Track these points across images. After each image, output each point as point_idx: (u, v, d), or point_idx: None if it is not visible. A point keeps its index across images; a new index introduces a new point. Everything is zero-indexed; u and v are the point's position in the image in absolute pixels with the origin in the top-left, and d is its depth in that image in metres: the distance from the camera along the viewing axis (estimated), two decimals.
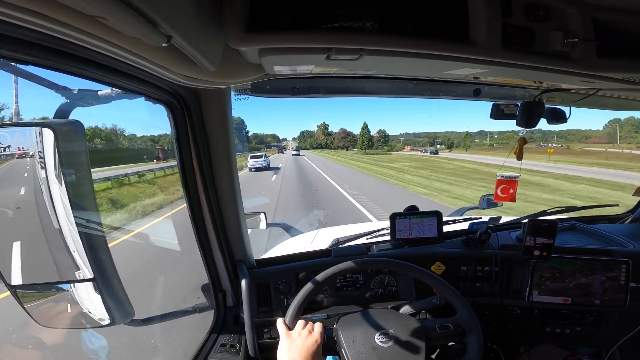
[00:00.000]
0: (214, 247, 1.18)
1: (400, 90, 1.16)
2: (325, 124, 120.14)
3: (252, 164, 23.46)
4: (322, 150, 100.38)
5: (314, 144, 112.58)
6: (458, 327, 1.03)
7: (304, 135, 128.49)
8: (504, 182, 1.44)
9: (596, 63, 0.69)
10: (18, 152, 0.62)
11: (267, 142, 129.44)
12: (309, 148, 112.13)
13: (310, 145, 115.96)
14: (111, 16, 0.34)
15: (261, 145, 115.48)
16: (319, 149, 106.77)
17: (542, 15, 0.65)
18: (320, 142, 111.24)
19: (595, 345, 1.47)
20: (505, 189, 1.44)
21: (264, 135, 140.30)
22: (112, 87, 0.77)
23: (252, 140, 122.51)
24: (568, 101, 1.27)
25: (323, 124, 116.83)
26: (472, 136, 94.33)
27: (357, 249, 1.41)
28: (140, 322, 0.99)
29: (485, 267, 1.33)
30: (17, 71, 0.56)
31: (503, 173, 1.45)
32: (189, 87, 0.86)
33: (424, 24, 0.60)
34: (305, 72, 0.81)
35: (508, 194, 1.44)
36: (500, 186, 1.45)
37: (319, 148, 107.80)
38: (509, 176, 1.45)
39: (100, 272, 0.66)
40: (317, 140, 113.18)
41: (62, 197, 0.61)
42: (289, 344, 0.92)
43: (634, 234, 1.46)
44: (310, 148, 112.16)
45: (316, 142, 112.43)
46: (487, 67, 0.71)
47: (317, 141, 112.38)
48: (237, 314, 1.24)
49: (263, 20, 0.55)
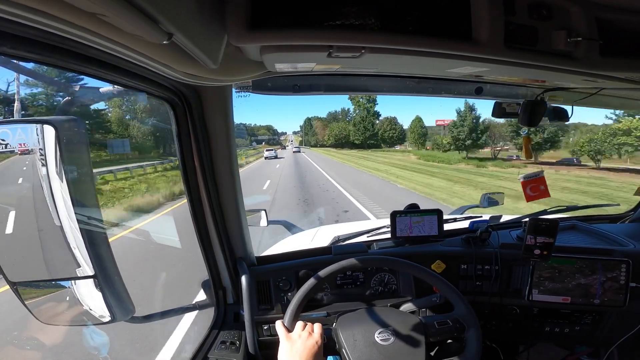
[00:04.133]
0: (215, 244, 1.18)
1: (401, 88, 1.16)
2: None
3: (267, 154, 39.27)
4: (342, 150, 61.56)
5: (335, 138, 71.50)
6: (456, 322, 1.03)
7: (311, 126, 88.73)
8: (531, 182, 1.43)
9: (599, 62, 0.69)
10: (20, 149, 0.62)
11: (258, 135, 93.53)
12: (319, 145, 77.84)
13: (317, 142, 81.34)
14: (112, 14, 0.34)
15: (245, 138, 77.23)
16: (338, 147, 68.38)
17: (545, 14, 0.65)
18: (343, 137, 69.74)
19: (594, 344, 1.47)
20: (535, 187, 1.43)
21: (254, 127, 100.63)
22: (113, 85, 0.77)
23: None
24: (570, 100, 1.27)
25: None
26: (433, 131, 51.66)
27: (358, 246, 1.42)
28: (141, 319, 1.00)
29: (486, 265, 1.33)
30: (19, 69, 0.57)
31: (524, 175, 1.44)
32: (191, 84, 0.85)
33: (426, 21, 0.59)
34: (307, 70, 0.81)
35: (539, 191, 1.42)
36: (528, 187, 1.43)
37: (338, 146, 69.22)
38: (533, 174, 1.44)
39: (101, 269, 0.66)
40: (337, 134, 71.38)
41: (63, 193, 0.61)
42: (289, 346, 0.90)
43: (634, 233, 1.46)
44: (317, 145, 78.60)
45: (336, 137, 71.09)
46: (489, 66, 0.71)
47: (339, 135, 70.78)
48: (237, 311, 1.25)
49: (264, 18, 0.55)
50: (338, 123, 77.02)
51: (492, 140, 38.00)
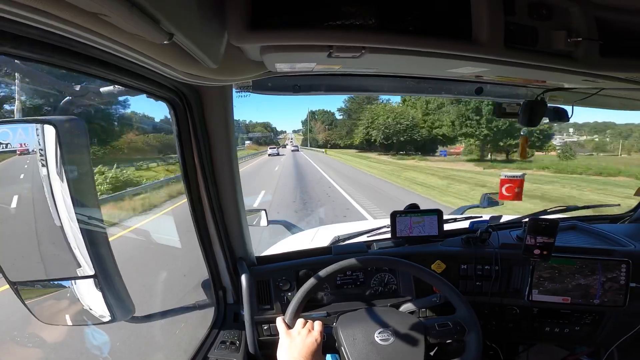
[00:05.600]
0: (215, 244, 1.18)
1: (402, 88, 1.16)
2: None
3: (270, 152, 43.43)
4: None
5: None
6: (457, 325, 1.03)
7: (315, 119, 73.94)
8: (508, 181, 1.45)
9: (599, 62, 0.69)
10: (20, 149, 0.62)
11: (253, 132, 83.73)
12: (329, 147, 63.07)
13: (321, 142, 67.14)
14: (113, 14, 0.34)
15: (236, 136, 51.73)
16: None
17: (545, 14, 0.65)
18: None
19: (593, 345, 1.47)
20: (510, 188, 1.45)
21: (249, 124, 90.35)
22: (113, 85, 0.77)
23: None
24: (570, 100, 1.27)
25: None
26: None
27: (358, 246, 1.42)
28: (141, 318, 1.00)
29: (486, 265, 1.33)
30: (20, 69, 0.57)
31: (507, 173, 1.46)
32: (191, 84, 0.86)
33: (426, 21, 0.59)
34: (307, 70, 0.81)
35: (513, 193, 1.45)
36: (505, 185, 1.45)
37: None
38: (513, 175, 1.46)
39: (101, 268, 0.66)
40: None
41: (64, 193, 0.61)
42: (288, 342, 0.91)
43: (634, 233, 1.46)
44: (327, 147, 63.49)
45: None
46: (489, 66, 0.71)
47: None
48: (237, 311, 1.25)
49: (265, 18, 0.55)
50: (373, 106, 49.35)
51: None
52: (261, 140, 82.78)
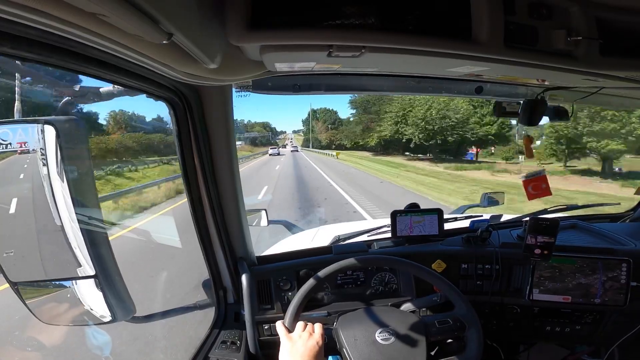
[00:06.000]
0: (215, 244, 1.18)
1: (402, 87, 1.16)
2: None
3: (271, 152, 43.78)
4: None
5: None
6: (457, 321, 1.03)
7: (317, 119, 66.31)
8: (532, 181, 1.44)
9: (599, 61, 0.69)
10: (20, 149, 0.63)
11: (250, 132, 78.53)
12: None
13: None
14: (113, 14, 0.34)
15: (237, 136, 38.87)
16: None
17: (545, 14, 0.65)
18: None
19: (594, 344, 1.47)
20: (537, 186, 1.44)
21: (247, 124, 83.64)
22: (113, 85, 0.77)
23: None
24: (571, 99, 1.27)
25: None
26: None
27: (358, 246, 1.42)
28: (142, 318, 1.00)
29: (486, 265, 1.33)
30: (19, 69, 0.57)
31: (524, 174, 1.45)
32: (191, 84, 0.85)
33: (426, 21, 0.59)
34: (307, 69, 0.81)
35: (541, 189, 1.43)
36: (529, 185, 1.44)
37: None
38: (534, 173, 1.45)
39: (101, 268, 0.67)
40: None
41: (64, 193, 0.62)
42: (290, 347, 0.90)
43: (635, 232, 1.46)
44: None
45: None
46: (489, 65, 0.71)
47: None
48: (237, 311, 1.25)
49: (264, 17, 0.55)
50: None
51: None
52: (257, 141, 78.00)
